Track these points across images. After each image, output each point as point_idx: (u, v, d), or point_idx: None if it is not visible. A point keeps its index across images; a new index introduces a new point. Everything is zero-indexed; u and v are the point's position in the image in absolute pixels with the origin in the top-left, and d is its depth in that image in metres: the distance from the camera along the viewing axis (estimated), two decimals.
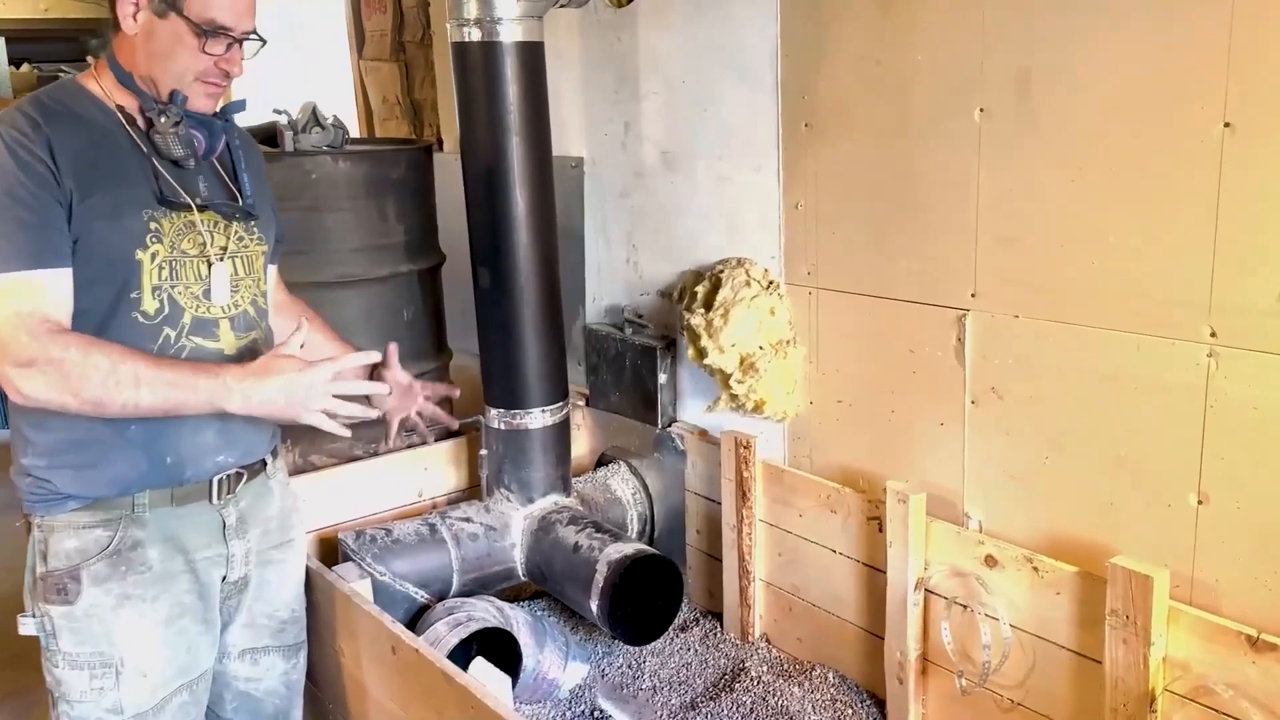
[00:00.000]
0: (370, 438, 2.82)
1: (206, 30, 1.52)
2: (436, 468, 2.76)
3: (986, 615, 1.90)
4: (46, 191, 1.44)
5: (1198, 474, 1.64)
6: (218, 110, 1.65)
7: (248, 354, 1.65)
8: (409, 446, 2.80)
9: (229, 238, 1.64)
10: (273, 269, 1.85)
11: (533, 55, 2.37)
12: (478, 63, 2.34)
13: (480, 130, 2.38)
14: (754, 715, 2.21)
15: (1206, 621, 1.60)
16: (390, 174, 2.72)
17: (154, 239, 1.54)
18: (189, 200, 1.59)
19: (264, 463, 1.75)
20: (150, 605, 1.60)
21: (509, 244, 2.42)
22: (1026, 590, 1.85)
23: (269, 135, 2.75)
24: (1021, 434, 1.89)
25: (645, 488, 2.76)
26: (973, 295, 1.92)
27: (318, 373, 1.53)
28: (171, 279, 1.56)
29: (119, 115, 1.55)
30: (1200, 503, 1.65)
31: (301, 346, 1.61)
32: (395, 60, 3.74)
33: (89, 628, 1.57)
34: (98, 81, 1.56)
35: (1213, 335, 1.58)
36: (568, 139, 2.87)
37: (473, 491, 2.74)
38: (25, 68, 5.73)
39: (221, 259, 1.62)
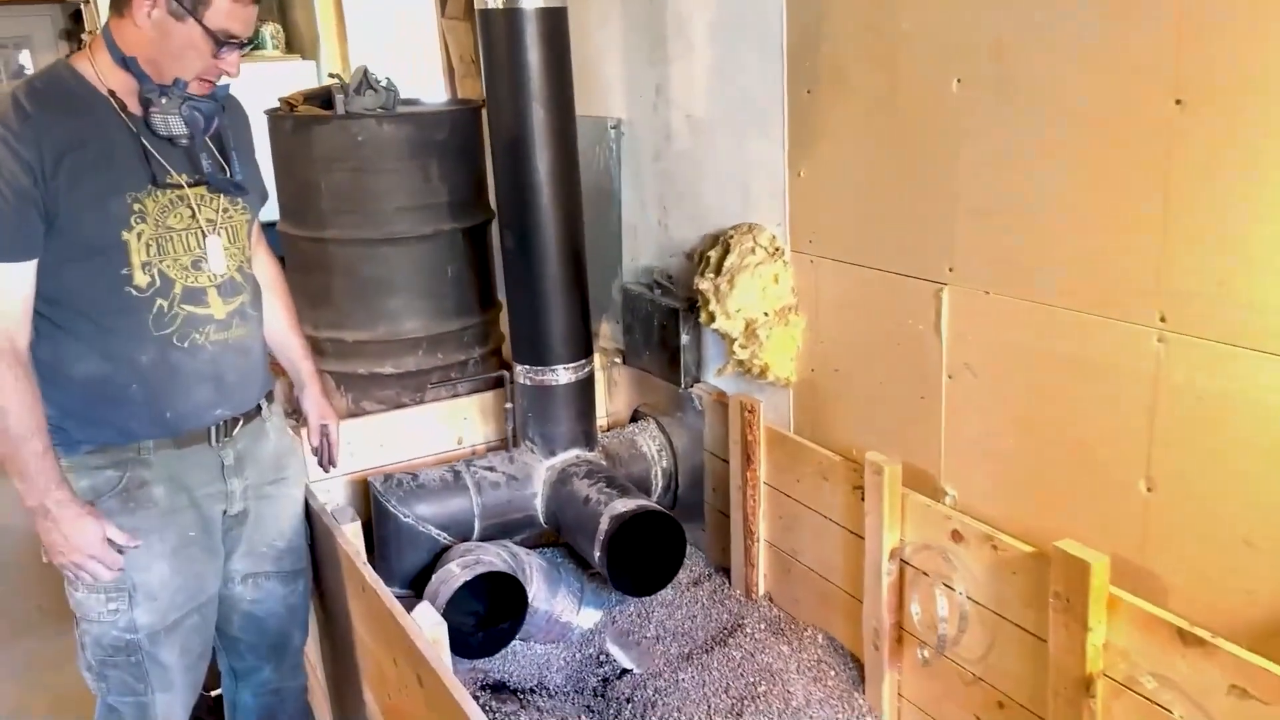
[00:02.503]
0: (416, 386, 3.00)
1: (223, 41, 1.65)
2: (475, 417, 2.91)
3: (948, 588, 1.91)
4: (21, 188, 1.56)
5: (1147, 461, 1.60)
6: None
7: (236, 317, 1.81)
8: (453, 396, 2.98)
9: (216, 210, 1.78)
10: (256, 224, 2.01)
11: (555, 21, 2.43)
12: (501, 29, 2.42)
13: (503, 96, 2.46)
14: (740, 669, 2.29)
15: (1142, 611, 1.57)
16: (434, 136, 2.84)
17: (138, 219, 1.68)
18: (178, 179, 1.72)
19: (259, 408, 1.91)
20: (158, 537, 1.79)
21: (532, 208, 2.51)
22: (987, 567, 1.85)
23: (326, 98, 2.92)
24: (992, 412, 1.87)
25: (671, 445, 2.83)
26: (950, 269, 1.90)
27: (77, 555, 1.68)
28: (159, 254, 1.70)
29: (111, 100, 1.67)
30: (1149, 490, 1.61)
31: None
32: (469, 19, 3.84)
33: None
34: (92, 63, 1.67)
35: (1162, 320, 1.53)
36: (609, 100, 2.93)
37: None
38: None
39: (212, 232, 1.77)
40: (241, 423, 1.86)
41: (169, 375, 1.73)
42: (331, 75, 2.90)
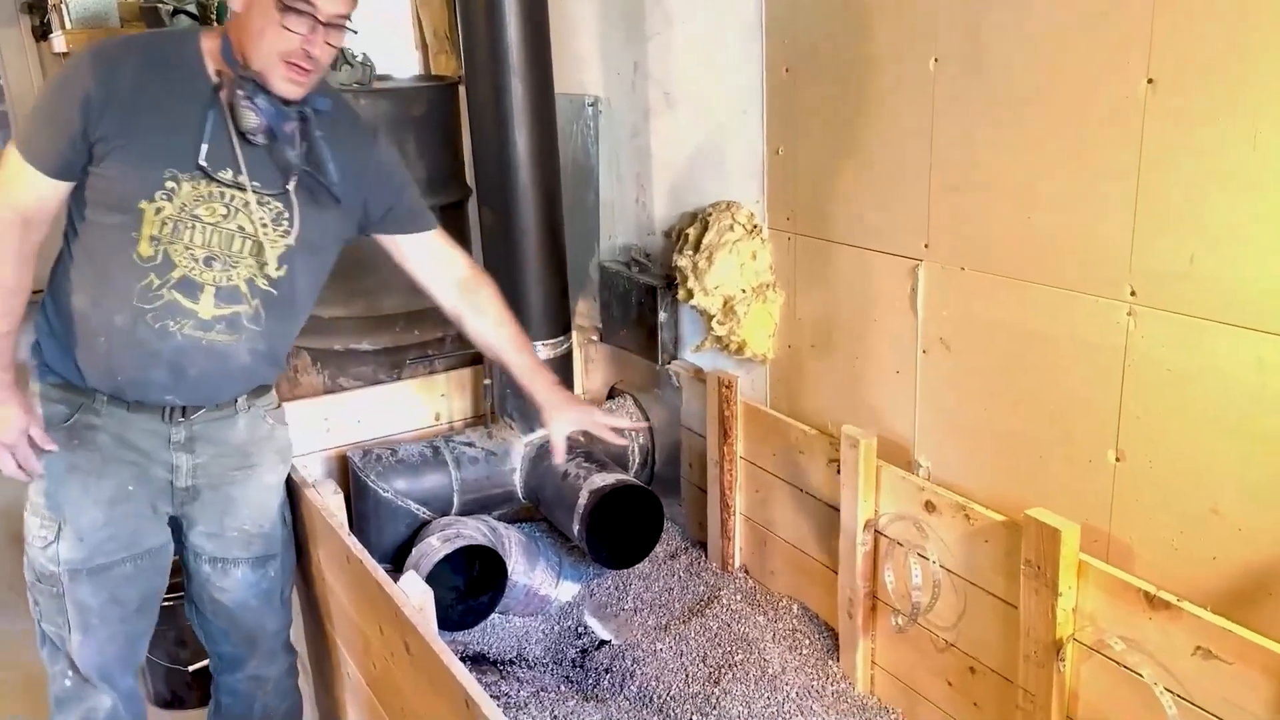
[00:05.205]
0: (393, 363, 3.01)
1: (287, 5, 1.60)
2: (453, 393, 2.92)
3: (922, 557, 1.96)
4: (74, 120, 1.61)
5: (1116, 432, 1.65)
6: (302, 100, 1.70)
7: (223, 323, 1.75)
8: (430, 373, 2.98)
9: (253, 220, 1.72)
10: (426, 237, 1.99)
11: None
12: (480, 4, 2.42)
13: (482, 72, 2.47)
14: (717, 638, 2.33)
15: (1111, 576, 1.62)
16: (411, 112, 2.83)
17: (165, 196, 1.66)
18: (233, 179, 1.70)
19: (233, 401, 1.87)
20: (95, 480, 1.78)
21: (510, 185, 2.51)
22: (959, 537, 1.90)
23: None
24: (965, 385, 1.91)
25: (648, 421, 2.86)
26: (925, 246, 1.93)
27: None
28: (172, 236, 1.68)
29: (214, 80, 1.67)
30: (1118, 460, 1.66)
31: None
32: None
33: (44, 484, 1.78)
34: (212, 45, 1.70)
35: (1132, 294, 1.58)
36: (586, 78, 2.94)
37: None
38: None
39: (244, 237, 1.73)
40: (204, 410, 1.83)
41: (131, 345, 1.72)
42: None
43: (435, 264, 2.03)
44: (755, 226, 2.37)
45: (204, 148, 1.66)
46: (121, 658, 1.91)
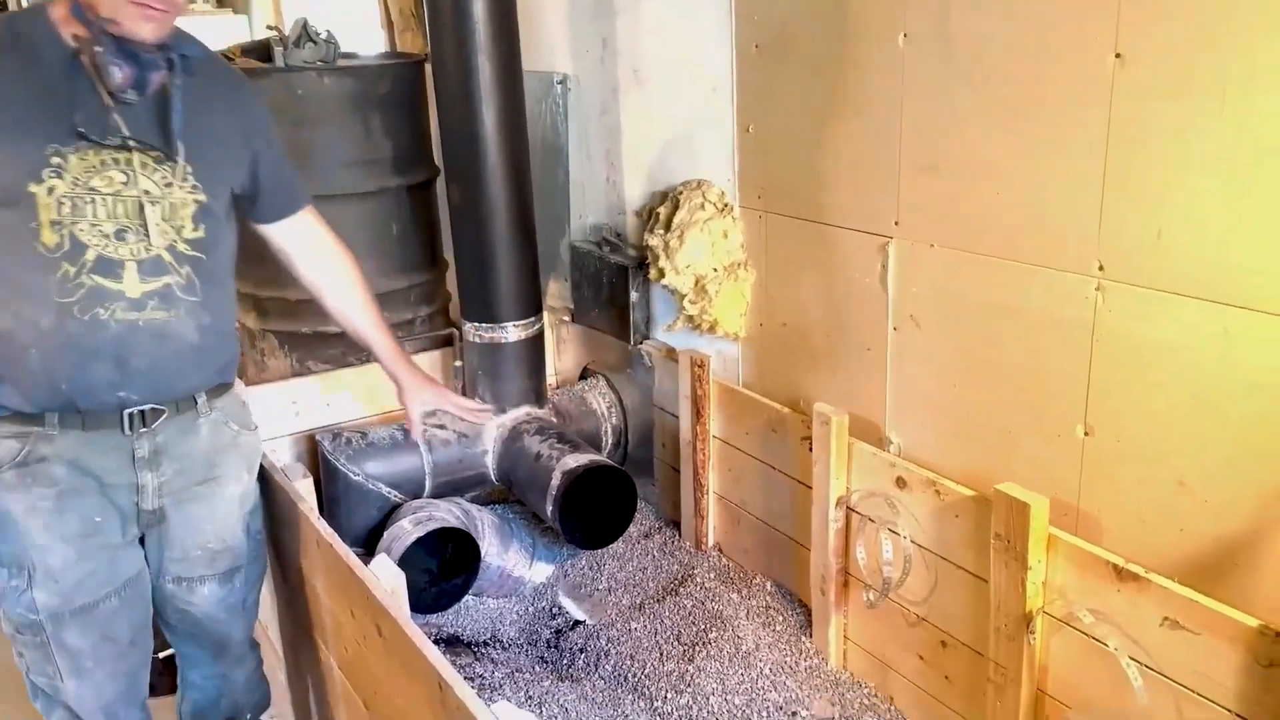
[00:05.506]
0: (361, 346, 2.97)
1: None
2: None
3: (893, 533, 1.97)
4: None
5: (1084, 407, 1.66)
6: (166, 43, 1.59)
7: (155, 299, 1.64)
8: None
9: (154, 181, 1.62)
10: (298, 218, 1.90)
11: None
12: None
13: (448, 49, 2.43)
14: (691, 617, 2.33)
15: (1080, 549, 1.64)
16: (375, 90, 2.80)
17: (53, 174, 1.54)
18: (109, 139, 1.57)
19: (193, 400, 1.75)
20: (58, 518, 1.65)
21: (479, 163, 2.48)
22: (930, 512, 1.91)
23: (264, 51, 2.85)
24: (936, 362, 1.92)
25: (620, 402, 2.85)
26: (895, 223, 1.93)
27: None
28: (74, 216, 1.56)
29: (71, 45, 1.55)
30: (1086, 434, 1.67)
31: None
32: None
33: (5, 529, 1.66)
34: (62, 12, 1.57)
35: (1100, 269, 1.59)
36: (555, 55, 2.91)
37: None
38: None
39: (149, 203, 1.62)
40: (166, 414, 1.71)
41: (65, 346, 1.60)
42: (269, 28, 2.83)
43: (302, 240, 1.94)
44: (726, 205, 2.36)
45: (77, 115, 1.55)
46: (123, 694, 1.81)
